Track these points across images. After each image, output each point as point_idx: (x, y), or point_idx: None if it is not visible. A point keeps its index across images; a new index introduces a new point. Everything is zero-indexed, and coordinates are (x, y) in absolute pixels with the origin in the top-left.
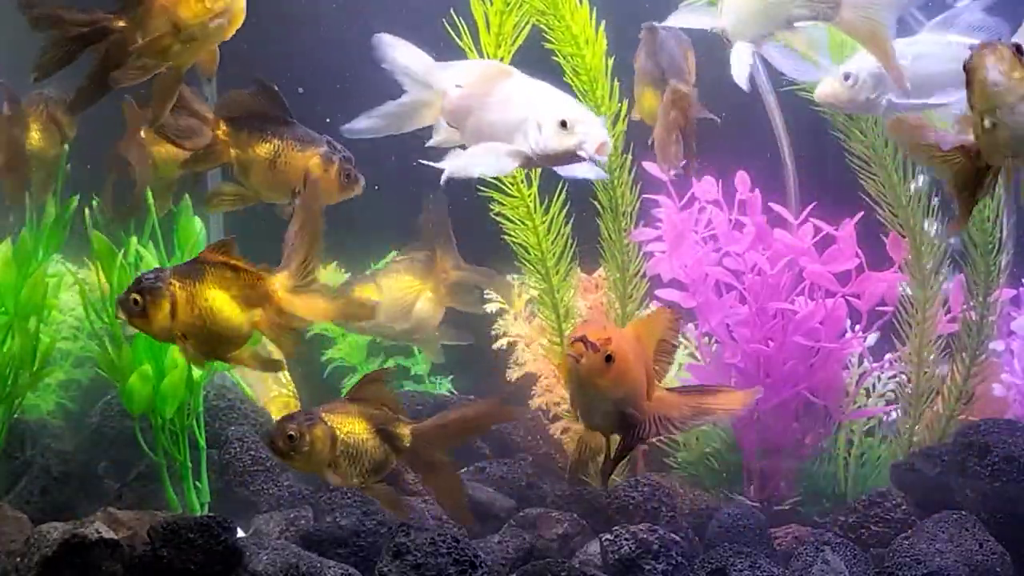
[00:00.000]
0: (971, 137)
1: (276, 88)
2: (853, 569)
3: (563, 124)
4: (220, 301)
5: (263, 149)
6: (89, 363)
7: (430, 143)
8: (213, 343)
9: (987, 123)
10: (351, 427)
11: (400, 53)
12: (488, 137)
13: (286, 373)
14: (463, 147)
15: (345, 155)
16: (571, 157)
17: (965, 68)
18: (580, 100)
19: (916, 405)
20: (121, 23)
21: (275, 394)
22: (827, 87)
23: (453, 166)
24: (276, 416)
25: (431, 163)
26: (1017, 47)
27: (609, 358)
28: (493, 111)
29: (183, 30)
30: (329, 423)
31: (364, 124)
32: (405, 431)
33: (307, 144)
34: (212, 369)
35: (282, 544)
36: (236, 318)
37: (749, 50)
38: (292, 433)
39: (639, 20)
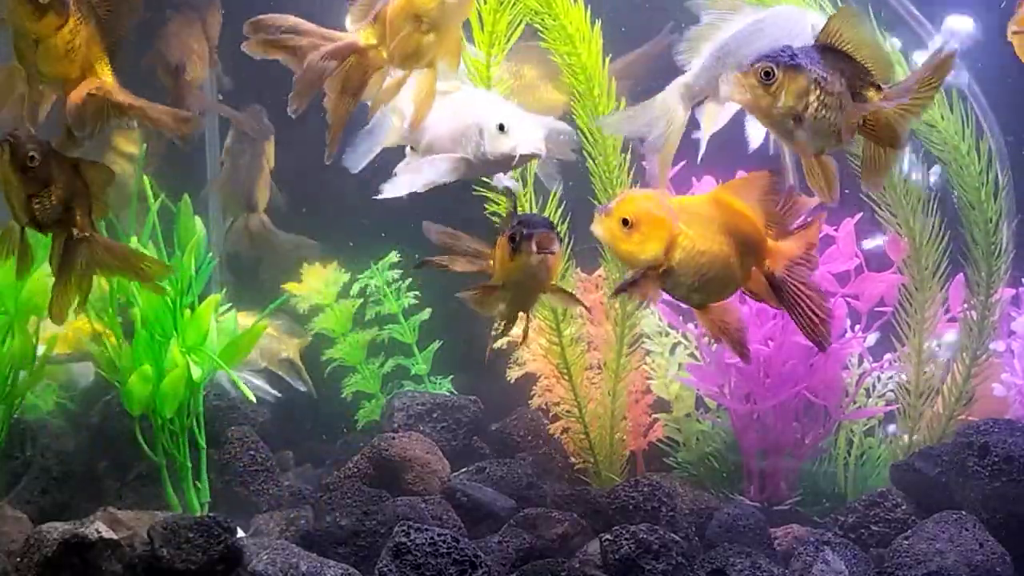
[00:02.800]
0: None
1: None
2: (853, 569)
3: (501, 128)
4: None
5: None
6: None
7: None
8: None
9: None
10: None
11: None
12: (438, 150)
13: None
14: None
15: (526, 231)
16: (509, 161)
17: None
18: (576, 99)
19: (916, 405)
20: (364, 40)
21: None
22: None
23: (397, 184)
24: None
25: (383, 192)
26: (766, 71)
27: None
28: (443, 124)
29: (425, 19)
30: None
31: (356, 159)
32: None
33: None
34: (212, 369)
35: (282, 544)
36: None
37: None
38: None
39: (633, 18)
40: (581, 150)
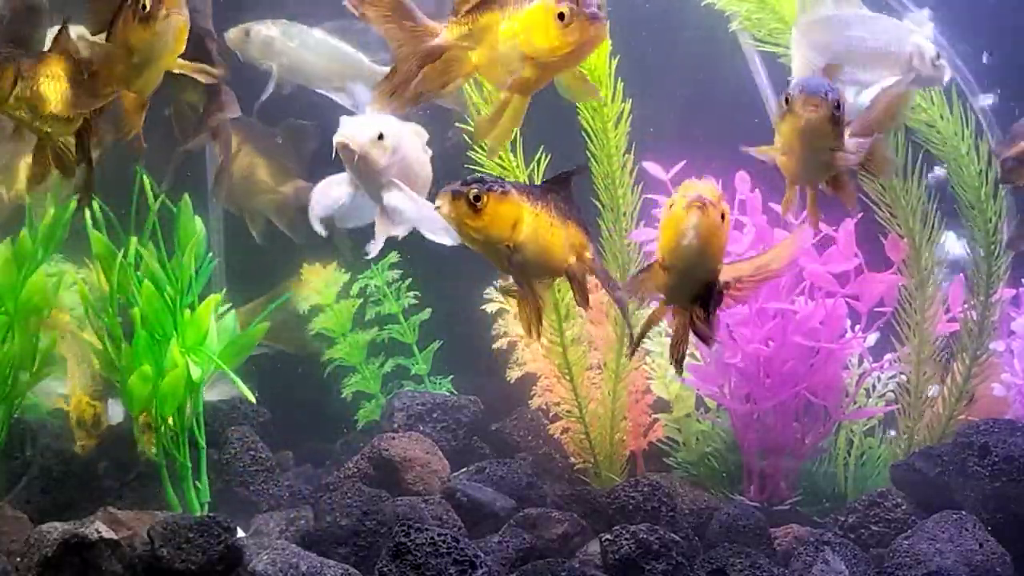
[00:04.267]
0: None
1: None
2: (853, 569)
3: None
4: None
5: None
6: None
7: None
8: None
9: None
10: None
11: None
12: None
13: None
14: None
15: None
16: (344, 155)
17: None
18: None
19: (916, 405)
20: (451, 38)
21: None
22: None
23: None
24: None
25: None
26: (838, 103)
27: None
28: None
29: (535, 58)
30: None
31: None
32: None
33: None
34: (212, 370)
35: (282, 544)
36: None
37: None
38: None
39: (644, 21)
40: (584, 150)
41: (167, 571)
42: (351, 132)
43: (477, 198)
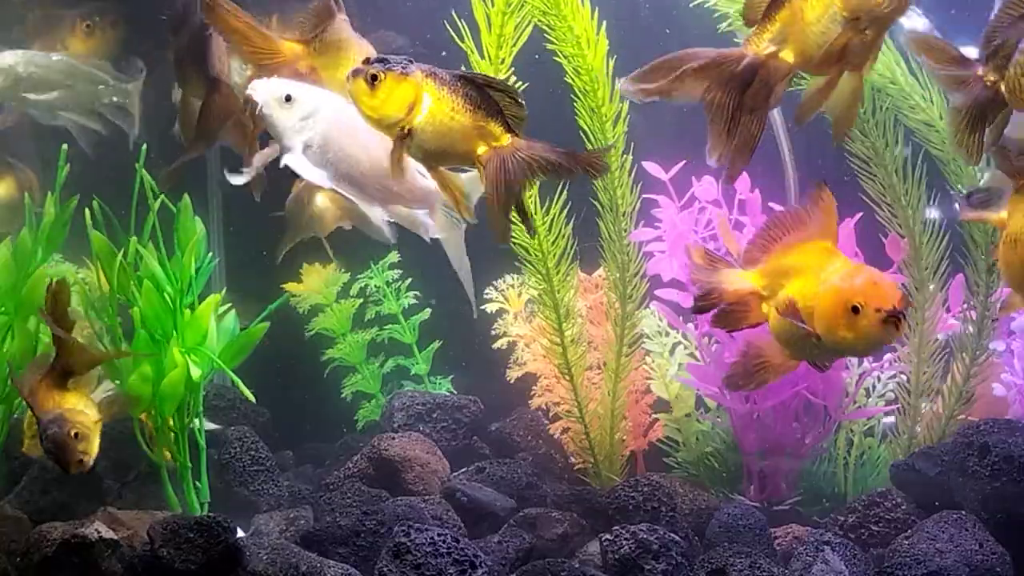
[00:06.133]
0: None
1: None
2: (853, 569)
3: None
4: None
5: None
6: None
7: None
8: None
9: None
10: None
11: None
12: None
13: None
14: None
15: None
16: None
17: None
18: (580, 100)
19: (916, 405)
20: (759, 50)
21: None
22: None
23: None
24: None
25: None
26: None
27: None
28: None
29: (865, 18)
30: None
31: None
32: None
33: None
34: (212, 369)
35: (282, 544)
36: None
37: None
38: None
39: (641, 21)
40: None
41: (167, 571)
42: (260, 86)
43: (375, 77)
